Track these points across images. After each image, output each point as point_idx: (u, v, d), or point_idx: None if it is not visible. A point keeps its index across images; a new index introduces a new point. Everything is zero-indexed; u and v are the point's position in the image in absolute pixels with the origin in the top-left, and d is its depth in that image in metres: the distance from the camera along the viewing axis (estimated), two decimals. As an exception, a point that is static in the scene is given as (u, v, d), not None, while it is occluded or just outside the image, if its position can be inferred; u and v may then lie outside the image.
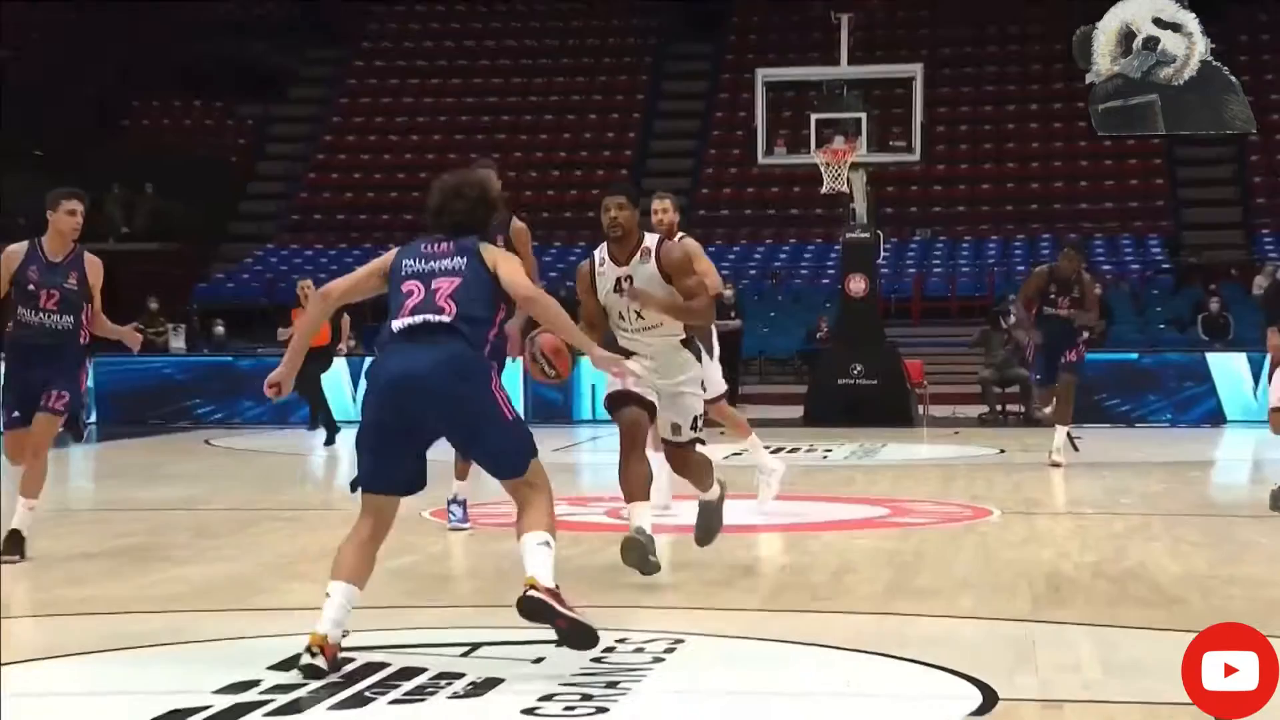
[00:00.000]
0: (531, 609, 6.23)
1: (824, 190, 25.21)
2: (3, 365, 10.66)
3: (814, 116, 24.85)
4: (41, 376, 9.88)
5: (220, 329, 30.76)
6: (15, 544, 9.87)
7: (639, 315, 8.62)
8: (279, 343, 20.47)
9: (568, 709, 5.83)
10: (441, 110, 39.13)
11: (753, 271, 34.89)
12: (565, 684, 6.12)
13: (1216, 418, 24.56)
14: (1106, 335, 28.04)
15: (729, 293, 26.35)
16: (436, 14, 43.50)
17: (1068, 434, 16.11)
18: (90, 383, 26.19)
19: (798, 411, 25.22)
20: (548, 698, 5.94)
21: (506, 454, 6.74)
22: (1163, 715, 6.00)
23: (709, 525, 9.36)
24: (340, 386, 23.52)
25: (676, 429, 8.88)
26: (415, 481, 6.84)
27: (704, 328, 10.04)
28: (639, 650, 6.98)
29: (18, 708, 6.43)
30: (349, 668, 6.77)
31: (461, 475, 10.91)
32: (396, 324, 6.75)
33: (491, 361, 6.86)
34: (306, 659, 6.36)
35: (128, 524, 12.98)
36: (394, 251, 7.16)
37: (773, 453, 19.54)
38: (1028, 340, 16.48)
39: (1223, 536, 11.54)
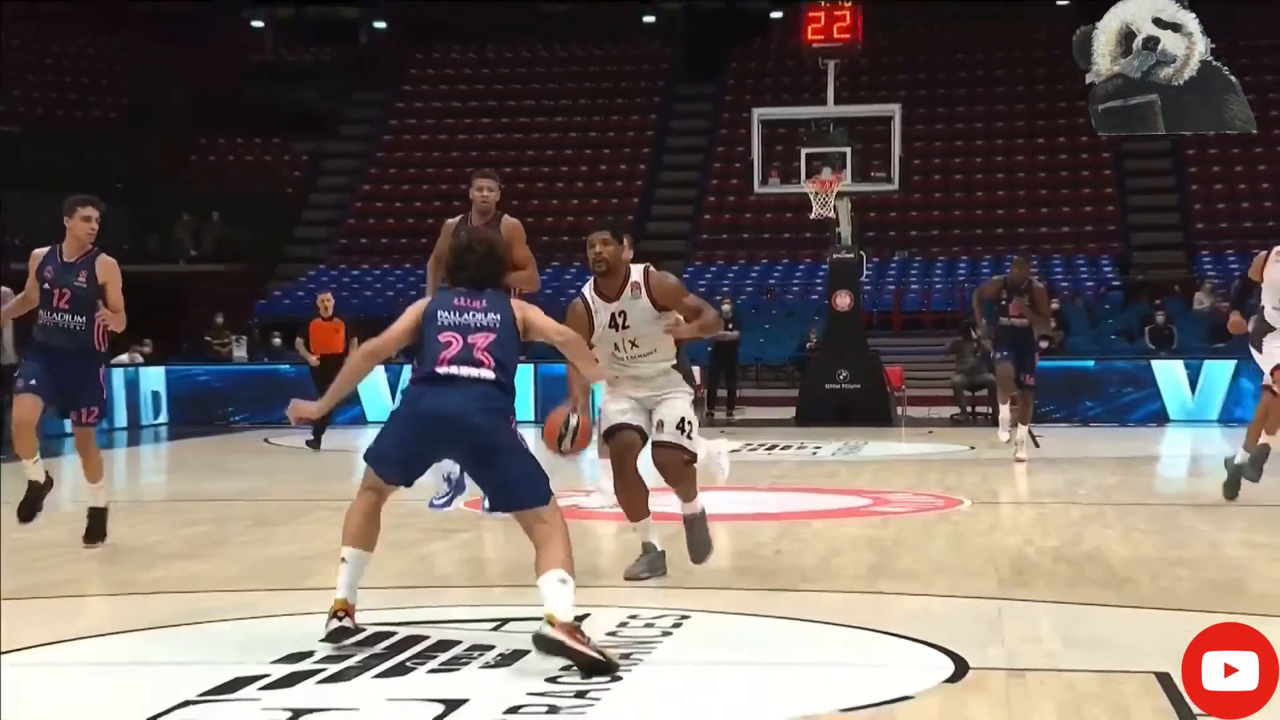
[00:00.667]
0: (546, 645, 5.99)
1: (813, 216, 25.20)
2: (23, 358, 10.42)
3: (804, 150, 24.84)
4: (67, 380, 9.54)
5: (277, 340, 30.79)
6: (98, 525, 9.96)
7: (633, 344, 8.25)
8: (300, 352, 20.57)
9: (587, 676, 5.83)
10: (473, 146, 39.15)
11: (750, 288, 34.96)
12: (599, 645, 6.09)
13: (1160, 418, 24.61)
14: (1064, 344, 28.06)
15: (727, 308, 26.40)
16: (469, 61, 43.56)
17: (1029, 432, 16.14)
18: (162, 387, 26.30)
19: (790, 413, 25.25)
20: (568, 667, 5.93)
21: (528, 481, 6.53)
22: (1116, 682, 5.97)
23: (699, 540, 8.57)
24: (379, 390, 24.09)
25: (660, 425, 8.32)
26: (414, 480, 6.93)
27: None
28: (649, 625, 6.99)
29: (104, 675, 6.52)
30: (391, 640, 6.76)
31: None
32: (440, 369, 6.62)
33: (510, 395, 6.78)
34: (334, 624, 6.41)
35: (195, 513, 12.99)
36: (424, 302, 7.07)
37: (768, 449, 19.69)
38: (979, 333, 16.73)
39: (1168, 524, 11.51)
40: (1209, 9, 21.57)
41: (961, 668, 6.27)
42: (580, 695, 5.69)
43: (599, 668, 5.89)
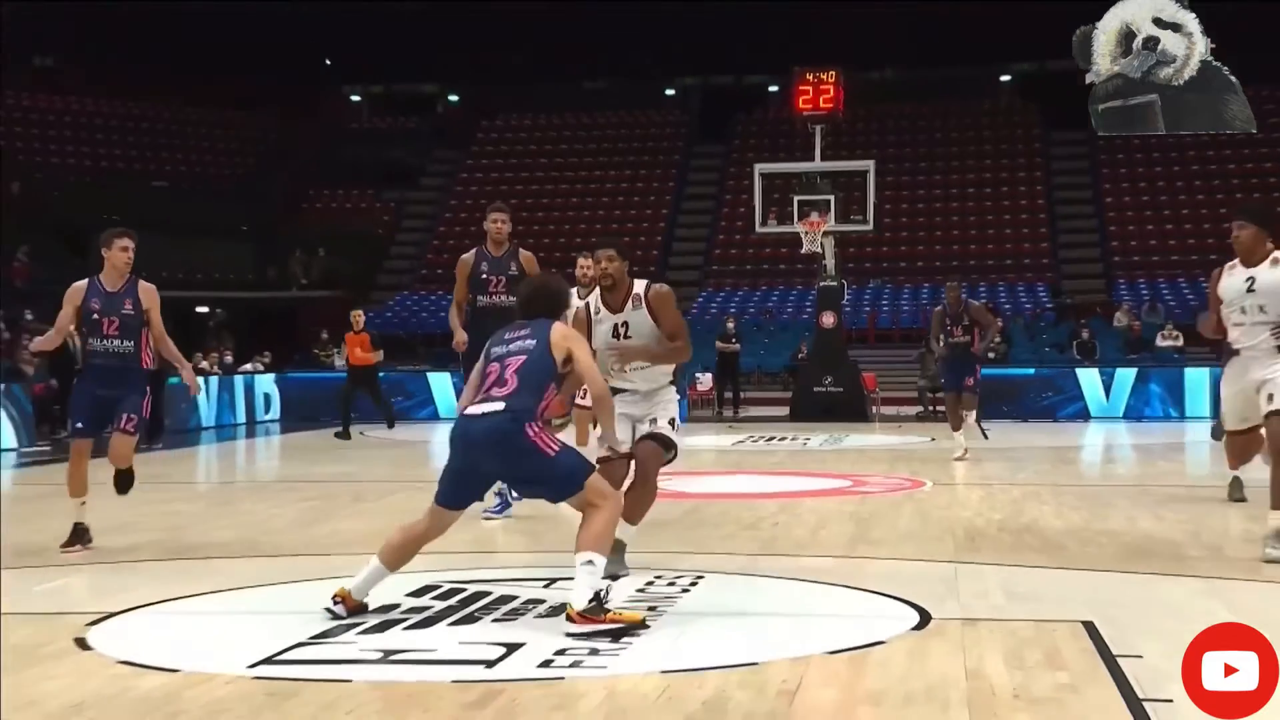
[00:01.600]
0: (570, 631, 5.81)
1: (804, 250, 25.21)
2: (76, 383, 9.04)
3: (796, 198, 24.86)
4: (111, 397, 8.46)
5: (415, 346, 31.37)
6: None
7: None
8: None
9: (617, 639, 5.77)
10: (528, 195, 39.10)
11: (752, 309, 34.95)
12: (619, 608, 6.07)
13: (1084, 415, 24.62)
14: (1008, 355, 27.99)
15: (731, 325, 26.44)
16: (524, 127, 43.60)
17: (979, 425, 16.02)
18: (273, 390, 26.39)
19: (784, 411, 25.25)
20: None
21: (558, 479, 6.19)
22: (1049, 629, 5.97)
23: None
24: (448, 392, 24.21)
25: (654, 421, 7.36)
26: (469, 504, 6.55)
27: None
28: (671, 584, 6.99)
29: (233, 621, 6.55)
30: (462, 595, 6.77)
31: None
32: (472, 408, 6.28)
33: (535, 416, 6.19)
34: (329, 605, 6.18)
35: (306, 491, 13.04)
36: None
37: (767, 441, 19.65)
38: (938, 360, 15.78)
39: (1093, 500, 11.48)
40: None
41: (925, 618, 6.26)
42: (615, 639, 5.69)
43: (623, 632, 5.77)
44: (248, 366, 27.50)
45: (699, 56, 43.04)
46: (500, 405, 6.13)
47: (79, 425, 8.54)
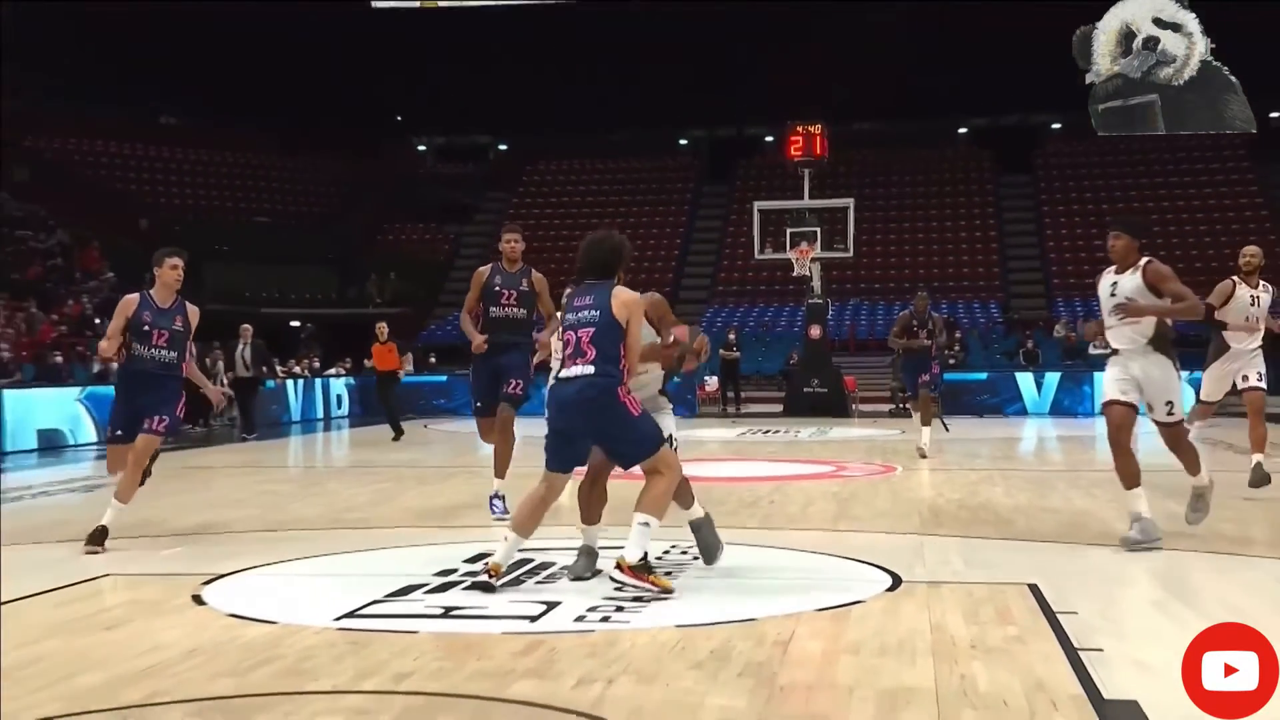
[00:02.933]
0: (616, 581, 5.71)
1: (795, 274, 25.24)
2: (116, 389, 8.10)
3: (789, 230, 24.91)
4: (146, 402, 7.63)
5: (433, 359, 31.04)
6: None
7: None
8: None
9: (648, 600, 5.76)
10: (564, 227, 38.92)
11: (751, 323, 34.96)
12: (660, 574, 6.04)
13: (1023, 412, 24.55)
14: (965, 361, 27.92)
15: (733, 336, 26.43)
16: (562, 170, 43.61)
17: (941, 420, 15.93)
18: (344, 391, 26.33)
19: (779, 408, 25.24)
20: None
21: (633, 447, 5.91)
22: (1001, 590, 5.94)
23: (709, 544, 6.54)
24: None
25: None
26: (575, 466, 6.06)
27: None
28: (684, 552, 6.94)
29: (316, 582, 6.52)
30: (515, 560, 6.76)
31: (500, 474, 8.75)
32: (563, 371, 5.95)
33: (623, 380, 5.87)
34: (483, 578, 5.93)
35: (377, 475, 13.05)
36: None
37: (764, 433, 19.61)
38: (899, 360, 14.68)
39: (1036, 483, 11.44)
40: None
41: (896, 581, 6.24)
42: (638, 599, 5.68)
43: (654, 597, 5.66)
44: (332, 371, 27.60)
45: (707, 112, 43.10)
46: (591, 369, 5.82)
47: (118, 433, 7.77)
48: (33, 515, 7.83)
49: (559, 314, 6.24)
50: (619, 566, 5.73)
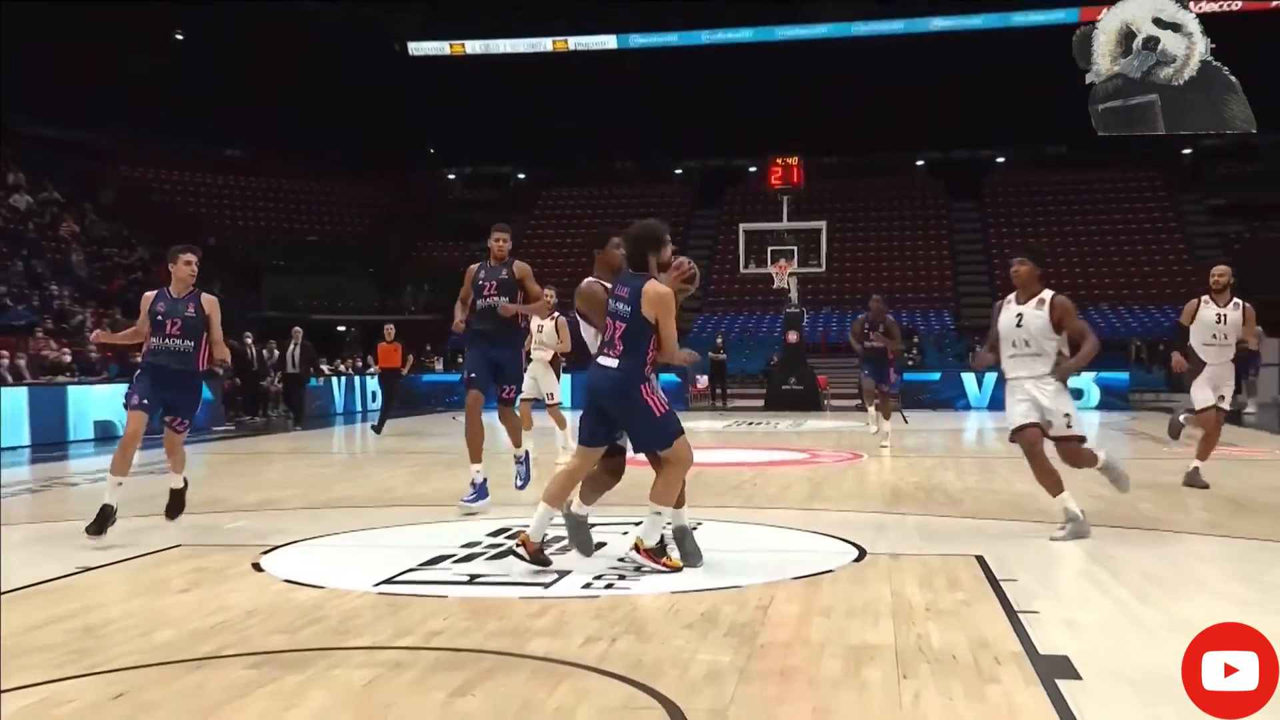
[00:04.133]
0: (635, 561, 5.56)
1: (774, 286, 25.26)
2: (137, 371, 7.17)
3: (769, 248, 24.93)
4: (169, 398, 6.96)
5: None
6: (177, 501, 7.22)
7: None
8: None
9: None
10: (575, 246, 38.91)
11: (737, 328, 34.88)
12: (670, 556, 6.02)
13: (969, 407, 24.51)
14: (922, 363, 27.90)
15: (720, 340, 26.40)
16: (573, 197, 43.55)
17: (901, 414, 15.84)
18: (379, 388, 26.17)
19: (760, 403, 25.17)
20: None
21: (649, 436, 5.62)
22: (950, 561, 5.93)
23: (691, 550, 5.86)
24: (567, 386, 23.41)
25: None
26: (606, 444, 5.72)
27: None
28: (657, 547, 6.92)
29: (356, 553, 6.49)
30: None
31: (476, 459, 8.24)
32: (598, 357, 5.67)
33: (645, 377, 5.58)
34: (511, 545, 5.75)
35: (412, 459, 13.05)
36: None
37: (748, 425, 19.60)
38: (861, 356, 13.88)
39: (982, 468, 11.43)
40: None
41: (862, 553, 6.24)
42: (638, 569, 5.67)
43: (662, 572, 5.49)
44: (372, 370, 27.51)
45: (698, 146, 43.09)
46: (615, 363, 5.55)
47: (144, 401, 6.85)
48: (105, 495, 7.89)
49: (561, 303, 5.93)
50: (636, 548, 5.63)
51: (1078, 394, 24.72)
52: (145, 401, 6.85)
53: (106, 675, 3.98)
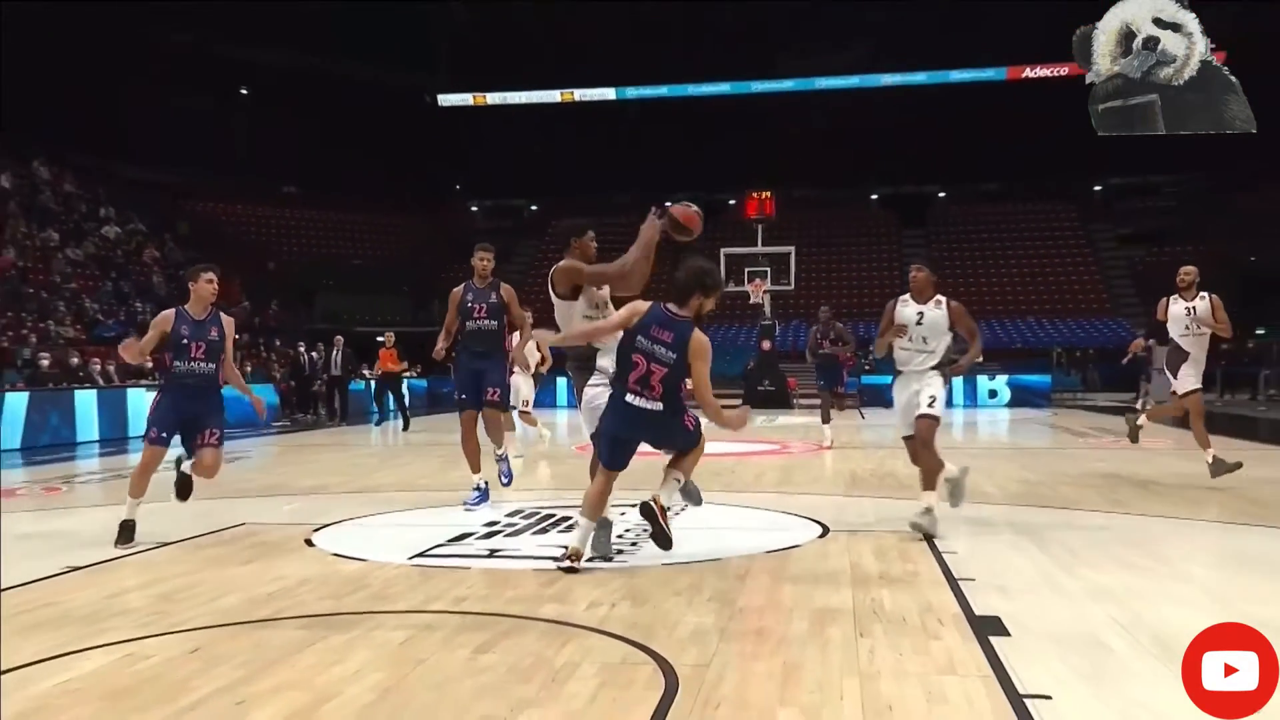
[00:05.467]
0: (645, 512, 5.01)
1: (751, 302, 25.31)
2: (157, 397, 6.06)
3: (747, 269, 24.99)
4: (193, 413, 5.90)
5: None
6: (127, 531, 5.86)
7: None
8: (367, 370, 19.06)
9: (655, 541, 5.75)
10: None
11: (719, 338, 34.76)
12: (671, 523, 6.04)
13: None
14: (876, 366, 27.75)
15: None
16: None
17: (859, 410, 15.79)
18: (406, 389, 25.92)
19: (739, 401, 24.84)
20: (637, 533, 5.87)
21: (681, 437, 5.07)
22: (899, 536, 5.92)
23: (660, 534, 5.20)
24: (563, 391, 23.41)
25: None
26: (627, 465, 5.15)
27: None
28: (668, 509, 6.89)
29: (391, 531, 6.40)
30: (538, 516, 6.70)
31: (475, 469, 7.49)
32: (628, 396, 4.92)
33: (680, 407, 5.03)
34: (566, 564, 5.01)
35: (440, 450, 12.95)
36: (637, 317, 4.99)
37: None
38: (816, 362, 13.26)
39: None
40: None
41: (825, 530, 6.23)
42: (634, 544, 5.66)
43: (663, 540, 5.07)
44: (409, 374, 27.33)
45: (685, 181, 42.73)
46: (659, 406, 4.91)
47: (163, 435, 5.88)
48: (124, 513, 7.77)
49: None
50: (655, 500, 5.05)
51: (993, 394, 24.91)
52: (164, 435, 5.88)
53: (181, 634, 3.98)
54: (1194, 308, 8.30)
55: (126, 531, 5.86)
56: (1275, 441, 7.94)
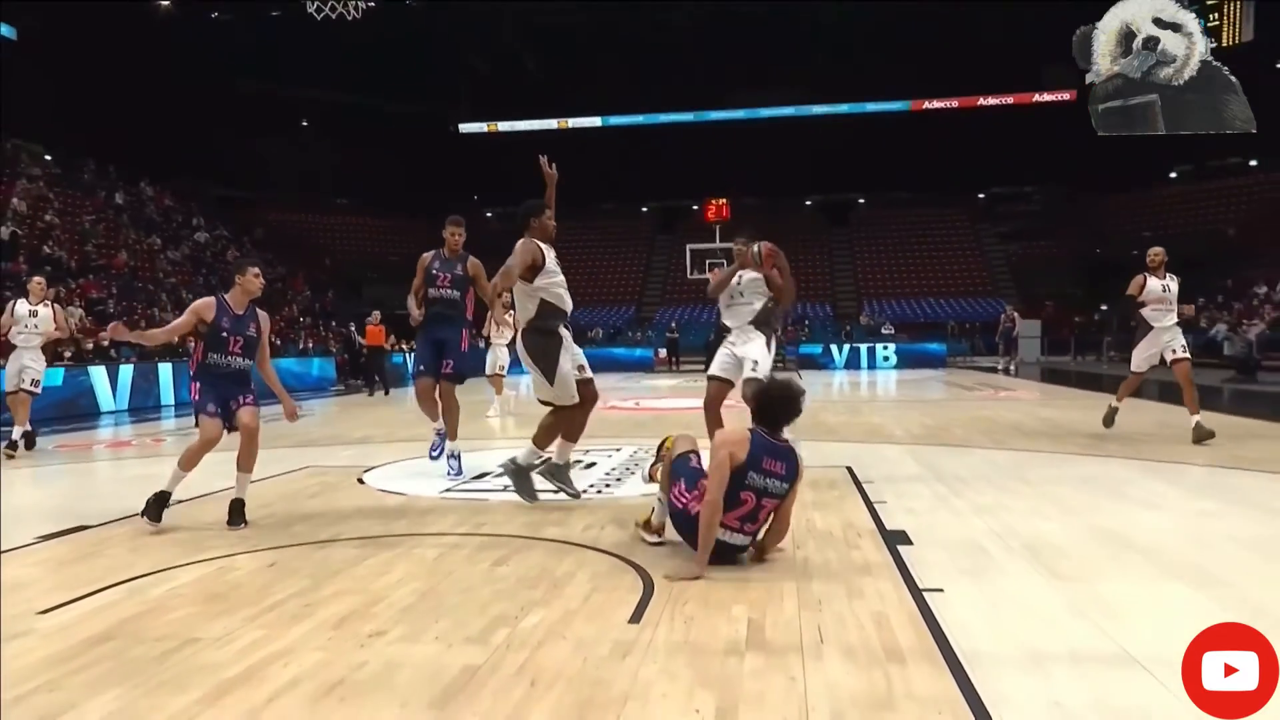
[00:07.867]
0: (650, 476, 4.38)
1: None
2: (197, 385, 4.68)
3: (708, 261, 24.91)
4: (232, 392, 4.65)
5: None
6: (238, 512, 4.58)
7: None
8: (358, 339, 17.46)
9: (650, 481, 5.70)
10: (568, 264, 38.06)
11: (687, 317, 34.65)
12: (630, 460, 6.01)
13: (835, 367, 24.43)
14: (808, 336, 27.73)
15: (674, 324, 26.25)
16: (569, 227, 42.16)
17: (797, 374, 15.64)
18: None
19: (703, 367, 24.75)
20: (619, 475, 5.84)
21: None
22: (830, 471, 5.92)
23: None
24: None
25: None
26: None
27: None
28: (645, 453, 6.87)
29: (416, 476, 6.26)
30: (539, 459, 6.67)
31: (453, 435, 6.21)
32: (726, 535, 3.48)
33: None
34: (653, 539, 3.99)
35: (463, 411, 12.89)
36: (745, 450, 3.49)
37: (694, 382, 19.43)
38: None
39: (850, 407, 11.41)
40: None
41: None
42: (619, 479, 5.64)
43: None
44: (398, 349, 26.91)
45: (658, 191, 42.75)
46: (747, 540, 3.55)
47: (217, 411, 4.63)
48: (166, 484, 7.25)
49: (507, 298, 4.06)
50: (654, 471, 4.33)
51: (886, 358, 25.05)
52: (220, 410, 4.67)
53: (262, 552, 3.97)
54: (1168, 285, 7.17)
55: (158, 505, 4.51)
56: (1112, 391, 7.85)
